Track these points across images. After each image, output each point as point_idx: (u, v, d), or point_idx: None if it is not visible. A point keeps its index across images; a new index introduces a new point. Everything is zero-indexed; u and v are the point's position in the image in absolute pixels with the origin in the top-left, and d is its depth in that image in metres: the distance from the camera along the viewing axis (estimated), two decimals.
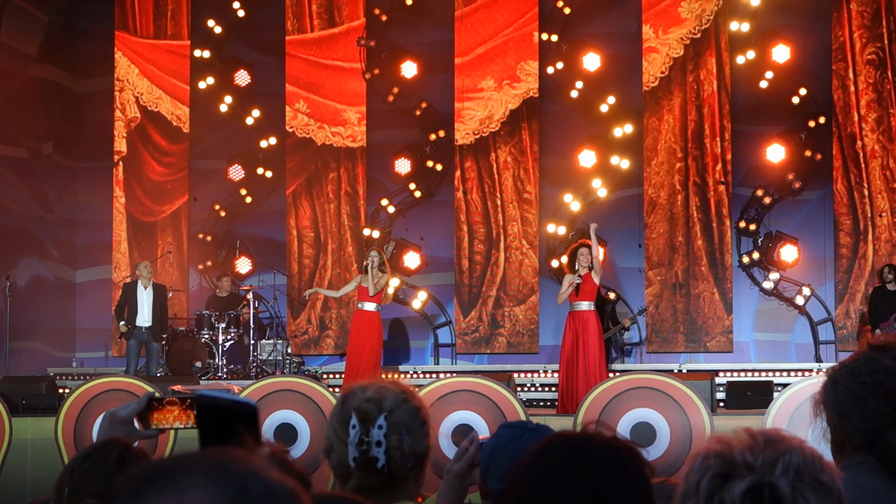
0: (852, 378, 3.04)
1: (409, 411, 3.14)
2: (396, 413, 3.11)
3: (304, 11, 19.15)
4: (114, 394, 12.41)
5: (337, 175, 18.92)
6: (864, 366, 3.05)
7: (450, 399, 11.81)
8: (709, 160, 17.64)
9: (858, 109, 17.26)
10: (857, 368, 3.06)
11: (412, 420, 3.14)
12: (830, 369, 3.14)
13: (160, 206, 19.50)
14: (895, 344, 3.08)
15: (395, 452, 3.09)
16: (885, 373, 3.01)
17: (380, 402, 3.12)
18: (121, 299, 17.10)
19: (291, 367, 17.57)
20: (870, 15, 17.34)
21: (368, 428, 3.09)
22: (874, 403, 3.00)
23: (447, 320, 18.48)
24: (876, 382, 3.01)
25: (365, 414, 3.10)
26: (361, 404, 3.11)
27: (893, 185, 17.15)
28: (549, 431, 3.21)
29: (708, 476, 1.92)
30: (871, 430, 3.00)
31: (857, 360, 3.09)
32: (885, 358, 3.04)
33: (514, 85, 18.31)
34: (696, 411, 11.57)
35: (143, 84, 19.57)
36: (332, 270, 18.76)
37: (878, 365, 3.03)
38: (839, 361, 3.15)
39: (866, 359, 3.07)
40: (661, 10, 17.91)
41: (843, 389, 3.05)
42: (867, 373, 3.03)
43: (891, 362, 3.03)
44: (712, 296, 17.46)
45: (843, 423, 3.04)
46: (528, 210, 18.16)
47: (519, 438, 3.32)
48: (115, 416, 3.53)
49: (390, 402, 3.12)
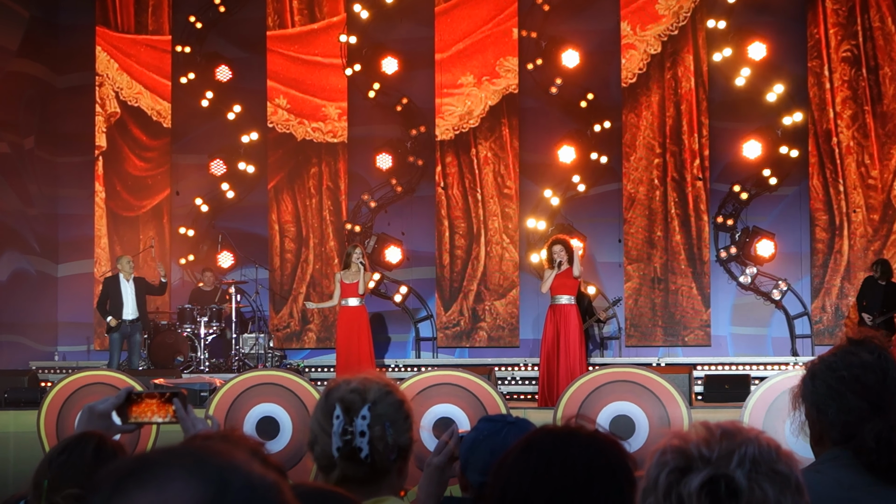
0: (830, 372, 3.10)
1: (392, 404, 3.15)
2: (380, 405, 3.12)
3: (284, 7, 19.22)
4: (96, 387, 12.41)
5: (318, 170, 18.99)
6: (842, 360, 3.10)
7: (430, 392, 11.86)
8: (687, 156, 17.76)
9: (834, 106, 17.39)
10: (834, 363, 3.11)
11: (396, 412, 3.15)
12: (809, 363, 3.18)
13: (140, 200, 19.53)
14: (874, 338, 3.14)
15: (379, 443, 3.10)
16: (863, 367, 3.07)
17: (364, 393, 3.13)
18: (102, 294, 17.12)
19: (273, 360, 17.65)
20: (844, 13, 17.46)
21: (352, 418, 3.09)
22: (851, 398, 3.05)
23: (428, 314, 18.58)
24: (853, 377, 3.06)
25: (349, 404, 3.11)
26: (345, 395, 3.13)
27: (868, 182, 17.27)
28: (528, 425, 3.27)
29: (666, 471, 1.90)
30: (847, 424, 3.05)
31: (835, 355, 3.14)
32: (863, 352, 3.10)
33: (494, 81, 18.40)
34: (675, 404, 11.64)
35: (123, 79, 19.60)
36: (314, 265, 18.84)
37: (855, 359, 3.09)
38: (818, 356, 3.20)
39: (844, 353, 3.12)
40: (639, 6, 18.02)
41: (821, 383, 3.11)
42: (845, 367, 3.08)
43: (869, 357, 3.09)
44: (690, 290, 17.58)
45: (821, 416, 3.10)
46: (509, 205, 18.27)
47: (498, 432, 3.33)
48: (94, 410, 3.55)
49: (374, 394, 3.13)
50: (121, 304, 16.79)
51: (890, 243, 17.11)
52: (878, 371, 3.07)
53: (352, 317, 15.46)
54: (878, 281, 15.95)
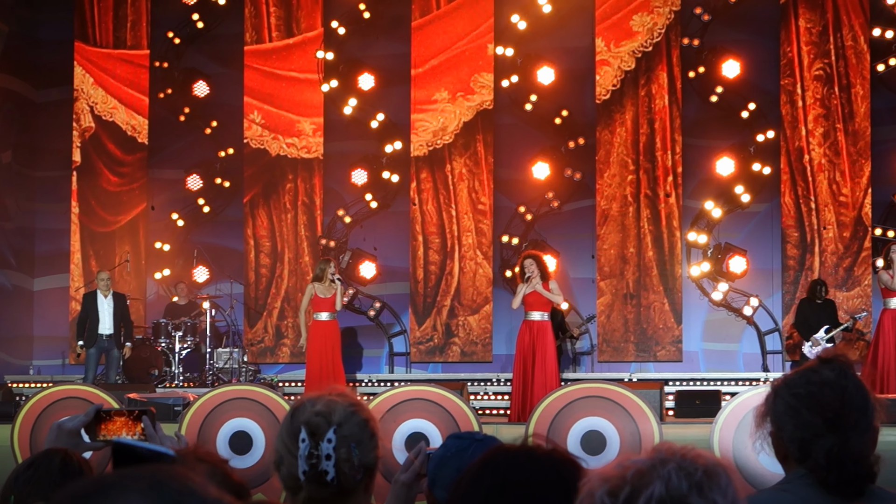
0: (788, 390, 3.11)
1: (358, 423, 3.14)
2: (346, 426, 3.11)
3: (262, 23, 19.29)
4: (70, 401, 12.42)
5: (294, 185, 19.05)
6: (801, 377, 3.12)
7: (403, 407, 11.90)
8: (660, 173, 17.86)
9: (806, 124, 17.53)
10: (794, 380, 3.12)
11: (361, 432, 3.14)
12: (773, 381, 3.21)
13: (115, 216, 19.53)
14: (840, 357, 3.15)
15: (345, 465, 3.09)
16: (821, 384, 3.07)
17: (329, 415, 3.11)
18: (81, 311, 17.12)
19: (247, 375, 17.68)
20: (818, 32, 17.60)
21: (318, 441, 3.09)
22: (806, 415, 3.06)
23: (402, 329, 18.65)
24: (809, 394, 3.07)
25: (314, 427, 3.10)
26: (311, 418, 3.11)
27: (840, 199, 17.40)
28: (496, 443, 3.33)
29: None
30: (803, 441, 3.07)
31: (797, 373, 3.16)
32: (825, 370, 3.10)
33: (468, 97, 18.50)
34: (646, 420, 11.68)
35: (98, 94, 19.61)
36: (289, 280, 18.89)
37: (815, 377, 3.09)
38: (784, 374, 3.23)
39: (806, 371, 3.14)
40: (613, 23, 18.13)
41: (780, 401, 3.11)
42: (803, 384, 3.09)
43: (829, 374, 3.09)
44: (662, 306, 17.68)
45: (781, 434, 3.12)
46: (483, 221, 18.35)
47: (466, 449, 3.31)
48: (63, 428, 3.57)
49: (339, 416, 3.12)
50: (97, 319, 16.79)
51: (861, 260, 17.26)
52: (836, 388, 3.07)
53: (324, 331, 15.57)
54: (815, 300, 16.11)
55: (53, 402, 12.62)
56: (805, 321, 16.04)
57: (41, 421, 12.47)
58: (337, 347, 15.67)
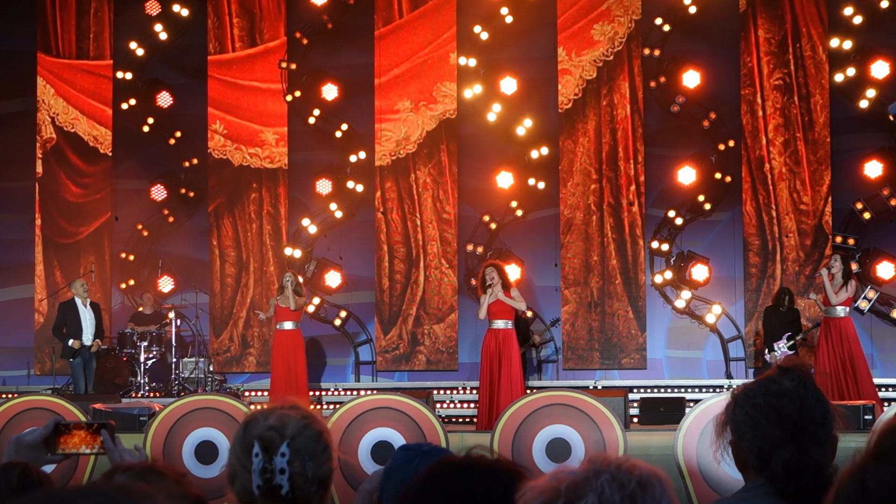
0: (748, 400, 3.14)
1: (311, 436, 3.14)
2: (299, 439, 3.11)
3: (226, 35, 19.32)
4: (35, 412, 12.38)
5: (259, 195, 19.07)
6: (761, 388, 3.15)
7: (369, 416, 11.92)
8: (623, 182, 17.98)
9: (766, 133, 17.68)
10: (753, 390, 3.15)
11: (315, 445, 3.14)
12: (733, 390, 3.24)
13: (77, 227, 19.49)
14: (800, 367, 3.18)
15: (299, 479, 3.09)
16: (780, 395, 3.11)
17: (282, 429, 3.11)
18: (59, 319, 16.94)
19: (213, 384, 17.69)
20: (777, 42, 17.77)
21: (272, 456, 3.08)
22: (765, 425, 3.09)
23: (368, 338, 18.70)
24: (768, 404, 3.10)
25: (268, 442, 3.09)
26: (264, 432, 3.11)
27: (801, 207, 17.55)
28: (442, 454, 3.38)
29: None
30: (762, 451, 3.09)
31: (757, 382, 3.19)
32: (785, 380, 3.14)
33: (431, 106, 18.58)
34: (610, 427, 11.73)
35: (60, 105, 19.58)
36: (255, 289, 18.91)
37: (774, 387, 3.12)
38: (743, 383, 3.27)
39: (766, 381, 3.17)
40: (575, 31, 18.23)
41: (740, 411, 3.15)
42: (762, 395, 3.12)
43: (789, 384, 3.12)
44: (626, 314, 17.78)
45: (741, 443, 3.14)
46: (448, 230, 18.43)
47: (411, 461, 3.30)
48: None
49: (292, 429, 3.12)
50: (80, 328, 16.65)
51: (821, 267, 17.40)
52: (795, 399, 3.10)
53: (287, 340, 15.71)
54: (779, 308, 16.27)
55: (18, 413, 12.58)
56: (769, 329, 16.20)
57: (6, 432, 12.43)
58: (300, 356, 15.77)
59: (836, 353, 14.80)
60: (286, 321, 15.80)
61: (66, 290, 17.65)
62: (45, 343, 18.84)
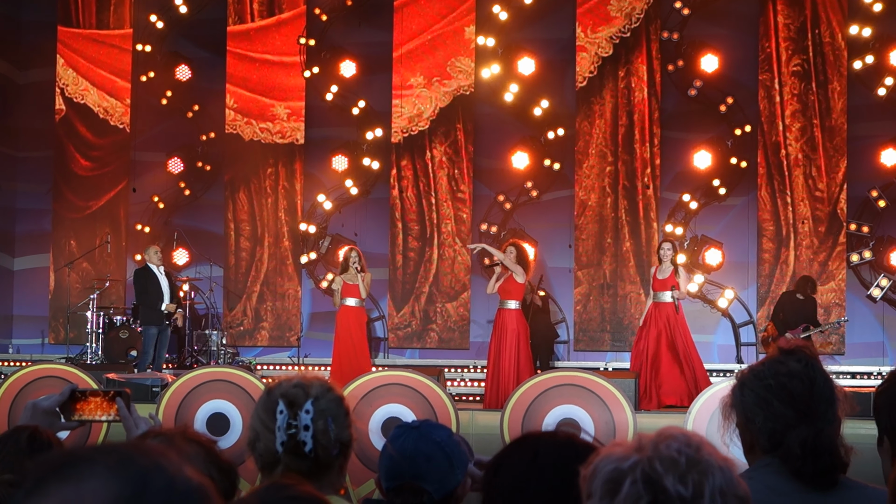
0: (757, 381, 3.13)
1: (333, 399, 3.19)
2: (322, 400, 3.15)
3: (245, 9, 19.36)
4: (49, 380, 12.43)
5: (275, 170, 19.13)
6: (769, 369, 3.14)
7: (380, 392, 11.96)
8: (638, 165, 17.99)
9: (783, 119, 17.67)
10: (762, 371, 3.15)
11: (337, 408, 3.18)
12: (739, 373, 3.23)
13: (86, 201, 19.54)
14: (804, 348, 3.18)
15: (322, 437, 3.13)
16: (789, 375, 3.10)
17: (307, 388, 3.16)
18: (139, 286, 16.47)
19: (226, 357, 17.78)
20: (795, 28, 17.74)
21: (296, 412, 3.12)
22: (777, 406, 3.09)
23: (380, 315, 18.77)
24: (779, 385, 3.10)
25: (293, 398, 3.14)
26: (288, 390, 3.16)
27: (816, 193, 17.55)
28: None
29: None
30: (775, 431, 3.09)
31: (763, 364, 3.18)
32: (791, 361, 3.14)
33: (445, 82, 18.60)
34: (620, 409, 11.75)
35: (70, 76, 19.61)
36: (269, 264, 18.98)
37: (783, 368, 3.12)
38: (748, 365, 3.27)
39: (772, 362, 3.16)
40: (592, 6, 18.18)
41: (749, 392, 3.14)
42: (771, 375, 3.12)
43: (796, 365, 3.12)
44: (638, 297, 17.79)
45: (750, 425, 3.14)
46: (462, 209, 18.47)
47: (398, 437, 3.36)
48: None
49: (316, 390, 3.17)
50: (161, 294, 16.23)
51: (835, 255, 17.42)
52: (805, 379, 3.10)
53: (351, 316, 15.58)
54: (797, 295, 16.22)
55: (32, 381, 12.65)
56: (789, 315, 16.09)
57: (20, 399, 12.49)
58: (362, 332, 15.68)
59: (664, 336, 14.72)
60: (349, 297, 15.62)
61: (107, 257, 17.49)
62: (59, 312, 18.96)
